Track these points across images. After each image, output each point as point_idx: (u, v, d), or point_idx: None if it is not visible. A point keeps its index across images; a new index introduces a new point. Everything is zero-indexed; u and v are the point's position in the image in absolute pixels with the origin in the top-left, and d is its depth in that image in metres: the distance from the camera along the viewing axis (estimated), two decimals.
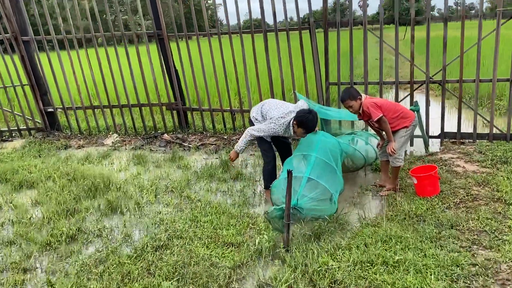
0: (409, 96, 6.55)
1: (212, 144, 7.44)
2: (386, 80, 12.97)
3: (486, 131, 7.03)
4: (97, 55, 7.83)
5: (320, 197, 4.16)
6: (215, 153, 7.09)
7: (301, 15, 6.61)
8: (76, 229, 4.45)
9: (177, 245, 4.02)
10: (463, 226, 3.91)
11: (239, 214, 4.62)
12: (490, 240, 3.65)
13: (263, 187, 5.33)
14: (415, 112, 5.96)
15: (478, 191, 4.66)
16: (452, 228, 3.88)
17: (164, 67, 7.78)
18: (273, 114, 4.95)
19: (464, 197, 4.50)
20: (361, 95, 4.80)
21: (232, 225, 4.37)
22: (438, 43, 14.92)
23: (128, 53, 7.74)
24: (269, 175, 5.22)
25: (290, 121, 4.84)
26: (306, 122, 4.68)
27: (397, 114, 4.82)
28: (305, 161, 4.69)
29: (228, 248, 3.93)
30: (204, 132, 7.89)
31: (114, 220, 4.76)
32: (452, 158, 5.82)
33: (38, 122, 8.76)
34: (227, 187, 5.52)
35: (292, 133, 4.91)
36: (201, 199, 5.11)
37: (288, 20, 7.19)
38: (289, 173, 3.64)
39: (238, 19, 7.12)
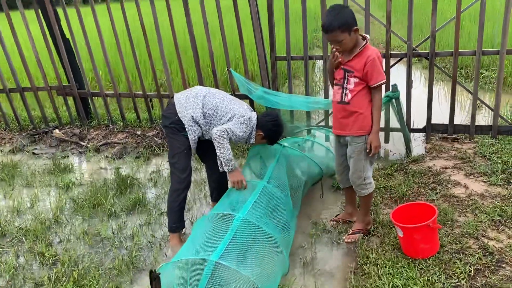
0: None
1: (119, 144, 5.42)
2: None
3: (484, 120, 5.33)
4: None
5: None
6: (119, 158, 5.09)
7: None
8: None
9: None
10: None
11: None
12: None
13: (167, 228, 3.43)
14: (394, 99, 4.17)
15: (499, 240, 2.90)
16: None
17: (50, 38, 5.59)
18: (236, 109, 3.25)
19: (480, 259, 2.72)
20: (357, 25, 2.77)
21: None
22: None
23: None
24: (178, 210, 3.34)
25: (254, 124, 3.29)
26: (276, 134, 3.40)
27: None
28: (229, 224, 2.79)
29: None
30: (111, 126, 5.83)
31: None
32: (446, 167, 4.05)
33: None
34: (113, 228, 3.58)
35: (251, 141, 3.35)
36: (61, 258, 3.17)
37: None
38: (152, 276, 1.74)
39: None
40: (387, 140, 4.80)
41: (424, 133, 4.82)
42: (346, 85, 2.92)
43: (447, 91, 6.67)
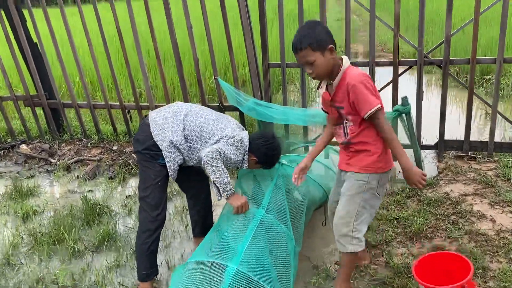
0: (391, 85, 4.15)
1: (92, 160, 4.81)
2: (356, 54, 10.49)
3: (498, 134, 4.80)
4: None
5: None
6: (92, 178, 4.49)
7: None
8: None
9: None
10: None
11: None
12: None
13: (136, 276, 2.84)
14: (404, 114, 3.63)
15: None
16: None
17: (14, 42, 4.97)
18: (224, 129, 2.72)
19: None
20: (333, 44, 2.25)
21: None
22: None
23: None
24: (149, 254, 2.76)
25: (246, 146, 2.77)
26: (272, 159, 2.89)
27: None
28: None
29: None
30: (84, 140, 5.21)
31: None
32: (465, 194, 3.50)
33: None
34: (73, 274, 2.98)
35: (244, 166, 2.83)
36: None
37: None
38: None
39: None
40: (394, 158, 4.24)
41: (435, 150, 4.29)
42: (345, 124, 2.38)
43: (456, 101, 6.14)
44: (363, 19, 13.87)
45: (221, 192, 2.60)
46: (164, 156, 2.67)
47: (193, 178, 3.02)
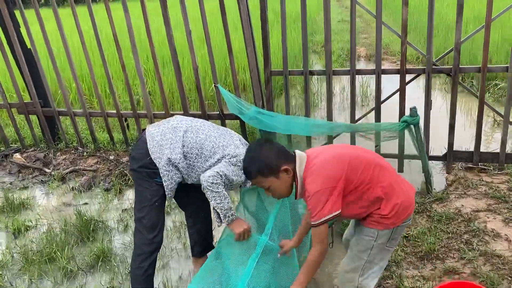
0: (398, 94, 3.98)
1: (88, 171, 4.65)
2: (359, 58, 10.16)
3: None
4: None
5: None
6: (88, 189, 4.33)
7: None
8: None
9: None
10: None
11: None
12: None
13: None
14: (412, 126, 3.46)
15: None
16: None
17: (7, 47, 4.81)
18: (226, 147, 2.57)
19: None
20: (289, 157, 2.10)
21: None
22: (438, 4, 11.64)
23: None
24: (144, 279, 2.61)
25: None
26: None
27: (383, 186, 2.03)
28: None
29: None
30: (80, 149, 5.04)
31: None
32: (477, 210, 3.33)
33: None
34: None
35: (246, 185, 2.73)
36: None
37: None
38: None
39: None
40: (401, 170, 4.09)
41: (443, 161, 4.12)
42: None
43: (463, 107, 5.95)
44: (364, 21, 13.67)
45: (222, 218, 2.44)
46: (161, 174, 2.51)
47: (192, 195, 2.86)
